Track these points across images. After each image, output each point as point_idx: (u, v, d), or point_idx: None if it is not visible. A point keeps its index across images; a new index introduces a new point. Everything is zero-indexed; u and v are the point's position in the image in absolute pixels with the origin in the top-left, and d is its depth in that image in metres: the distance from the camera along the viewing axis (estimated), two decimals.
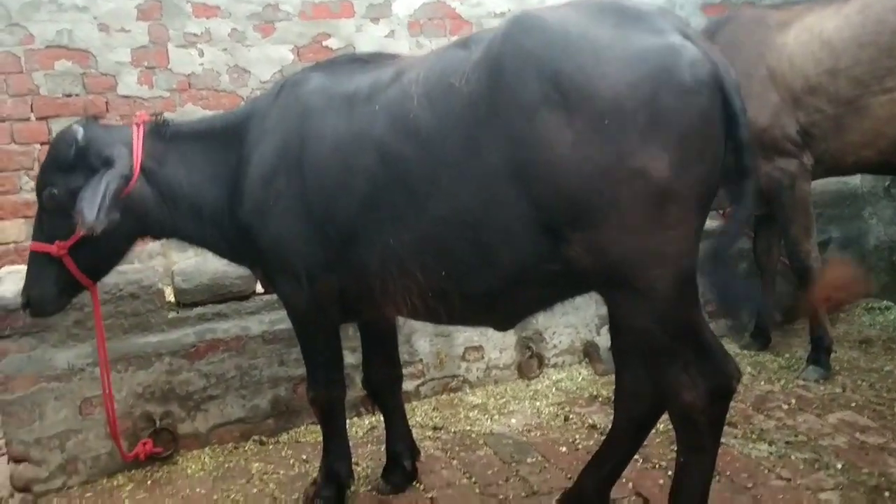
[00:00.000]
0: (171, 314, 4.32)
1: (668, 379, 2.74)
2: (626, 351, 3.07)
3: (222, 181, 3.51)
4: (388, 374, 3.81)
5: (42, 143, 4.83)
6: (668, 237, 2.59)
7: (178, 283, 4.32)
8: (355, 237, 3.14)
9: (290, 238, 3.29)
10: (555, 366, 5.27)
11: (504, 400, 4.85)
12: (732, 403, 2.95)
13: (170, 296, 4.39)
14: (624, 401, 3.13)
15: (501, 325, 3.31)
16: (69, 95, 4.91)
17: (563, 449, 4.07)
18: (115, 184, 3.24)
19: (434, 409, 4.76)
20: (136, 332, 4.23)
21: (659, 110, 2.50)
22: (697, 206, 2.64)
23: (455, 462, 4.03)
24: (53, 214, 3.42)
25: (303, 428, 4.57)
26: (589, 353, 5.30)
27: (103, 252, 3.50)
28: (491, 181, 2.74)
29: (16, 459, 3.99)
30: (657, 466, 3.75)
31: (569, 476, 3.73)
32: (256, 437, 4.47)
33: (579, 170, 2.55)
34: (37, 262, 3.47)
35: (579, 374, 5.19)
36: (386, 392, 3.83)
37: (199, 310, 4.38)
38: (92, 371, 4.09)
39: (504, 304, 3.06)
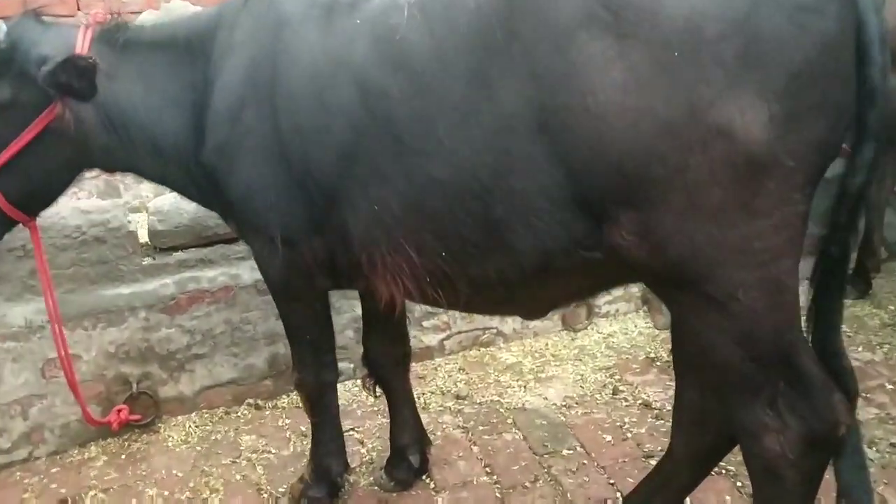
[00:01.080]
0: (146, 261, 3.66)
1: (745, 416, 1.99)
2: (691, 368, 2.28)
3: (187, 107, 2.76)
4: (393, 352, 3.10)
5: None
6: (759, 227, 1.81)
7: (154, 223, 3.63)
8: (335, 196, 2.40)
9: (261, 189, 2.57)
10: (606, 315, 4.48)
11: (543, 360, 4.11)
12: None
13: (145, 238, 3.72)
14: (683, 427, 2.38)
15: (526, 317, 2.56)
16: None
17: (608, 438, 3.34)
18: None
19: (460, 370, 4.06)
20: (105, 283, 3.59)
21: (757, 38, 1.70)
22: (806, 182, 1.82)
23: (476, 449, 3.35)
24: None
25: None
26: (648, 300, 4.48)
27: (35, 181, 2.78)
28: (507, 135, 1.99)
29: None
30: (723, 472, 3.01)
31: (611, 481, 3.03)
32: (251, 401, 3.87)
33: (633, 125, 1.78)
34: None
35: (635, 326, 4.40)
36: (390, 373, 3.12)
37: (179, 255, 3.70)
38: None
39: (526, 296, 2.32)
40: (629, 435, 3.34)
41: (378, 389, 3.15)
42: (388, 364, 3.09)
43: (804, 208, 1.83)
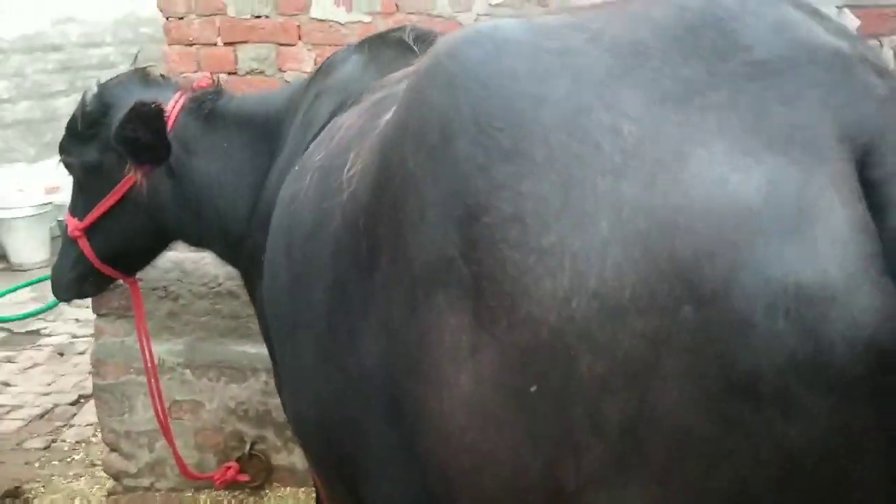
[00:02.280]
0: None
1: None
2: None
3: (258, 193, 2.47)
4: None
5: (229, 73, 4.12)
6: None
7: None
8: None
9: (263, 317, 2.23)
10: None
11: None
12: None
13: None
14: None
15: None
16: (258, 17, 4.07)
17: None
18: None
19: None
20: (234, 338, 3.47)
21: (658, 409, 0.87)
22: None
23: None
24: (74, 187, 2.76)
25: None
26: None
27: (120, 245, 2.71)
28: (364, 396, 1.31)
29: (110, 447, 3.65)
30: None
31: None
32: None
33: (476, 470, 1.06)
34: (64, 239, 2.86)
35: None
36: None
37: None
38: (183, 372, 3.49)
39: None
40: None
41: None
42: None
43: None
